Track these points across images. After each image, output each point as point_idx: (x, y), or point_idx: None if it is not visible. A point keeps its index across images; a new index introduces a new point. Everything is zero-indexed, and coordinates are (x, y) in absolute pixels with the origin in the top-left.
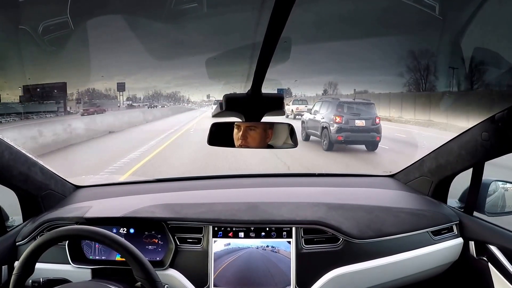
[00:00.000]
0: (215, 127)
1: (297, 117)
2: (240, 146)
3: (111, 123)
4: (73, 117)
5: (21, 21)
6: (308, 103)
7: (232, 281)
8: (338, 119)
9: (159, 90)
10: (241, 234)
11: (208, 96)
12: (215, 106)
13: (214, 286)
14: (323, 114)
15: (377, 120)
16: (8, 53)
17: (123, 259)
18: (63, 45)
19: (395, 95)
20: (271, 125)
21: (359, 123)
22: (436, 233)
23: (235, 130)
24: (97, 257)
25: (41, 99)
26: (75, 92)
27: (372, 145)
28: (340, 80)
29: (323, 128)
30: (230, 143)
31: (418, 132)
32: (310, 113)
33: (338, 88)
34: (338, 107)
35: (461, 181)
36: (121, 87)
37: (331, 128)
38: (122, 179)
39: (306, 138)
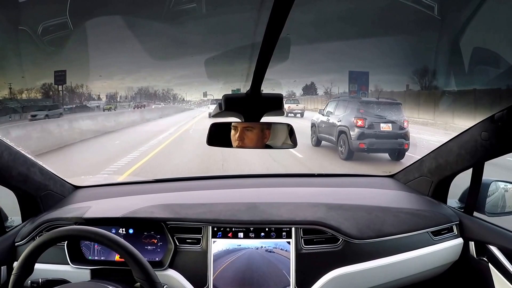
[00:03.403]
0: (214, 127)
1: (289, 115)
2: (238, 146)
3: None
4: None
5: (21, 22)
6: (299, 102)
7: (232, 282)
8: (359, 123)
9: (146, 87)
10: (241, 235)
11: (205, 94)
12: (213, 106)
13: (213, 287)
14: (339, 116)
15: (405, 124)
16: (8, 53)
17: (122, 260)
18: (62, 45)
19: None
20: (269, 125)
21: (385, 127)
22: (436, 233)
23: (232, 131)
24: (96, 258)
25: None
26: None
27: (398, 154)
28: (339, 79)
29: (340, 132)
30: (229, 144)
31: None
32: (323, 114)
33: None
34: (359, 107)
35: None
36: (60, 78)
37: (351, 133)
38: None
39: (317, 143)
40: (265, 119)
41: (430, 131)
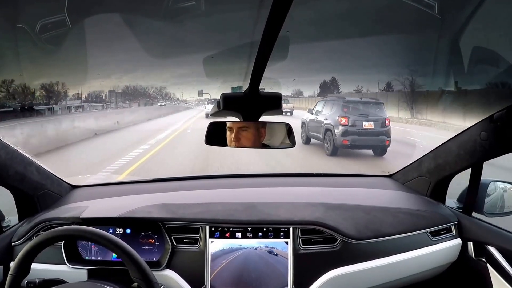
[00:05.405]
0: (212, 127)
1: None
2: (235, 146)
3: None
4: None
5: (19, 19)
6: (289, 102)
7: (229, 282)
8: (343, 121)
9: (134, 85)
10: (238, 235)
11: (200, 93)
12: (210, 106)
13: (211, 287)
14: (326, 114)
15: (387, 122)
16: (6, 51)
17: (120, 260)
18: (60, 43)
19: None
20: (264, 124)
21: (367, 125)
22: (434, 233)
23: (228, 132)
24: (93, 258)
25: None
26: None
27: (380, 150)
28: (339, 79)
29: (326, 130)
30: (227, 143)
31: None
32: (312, 114)
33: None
34: (343, 107)
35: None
36: None
37: (336, 130)
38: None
39: (307, 141)
40: (263, 118)
41: None
